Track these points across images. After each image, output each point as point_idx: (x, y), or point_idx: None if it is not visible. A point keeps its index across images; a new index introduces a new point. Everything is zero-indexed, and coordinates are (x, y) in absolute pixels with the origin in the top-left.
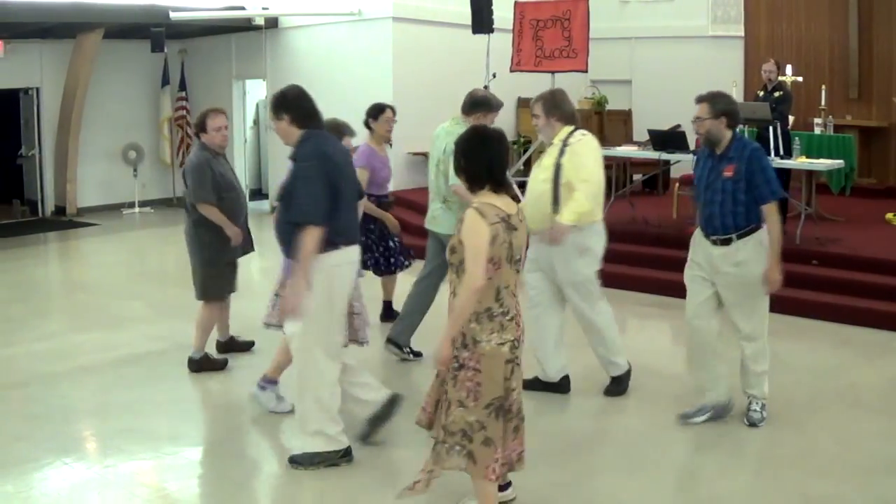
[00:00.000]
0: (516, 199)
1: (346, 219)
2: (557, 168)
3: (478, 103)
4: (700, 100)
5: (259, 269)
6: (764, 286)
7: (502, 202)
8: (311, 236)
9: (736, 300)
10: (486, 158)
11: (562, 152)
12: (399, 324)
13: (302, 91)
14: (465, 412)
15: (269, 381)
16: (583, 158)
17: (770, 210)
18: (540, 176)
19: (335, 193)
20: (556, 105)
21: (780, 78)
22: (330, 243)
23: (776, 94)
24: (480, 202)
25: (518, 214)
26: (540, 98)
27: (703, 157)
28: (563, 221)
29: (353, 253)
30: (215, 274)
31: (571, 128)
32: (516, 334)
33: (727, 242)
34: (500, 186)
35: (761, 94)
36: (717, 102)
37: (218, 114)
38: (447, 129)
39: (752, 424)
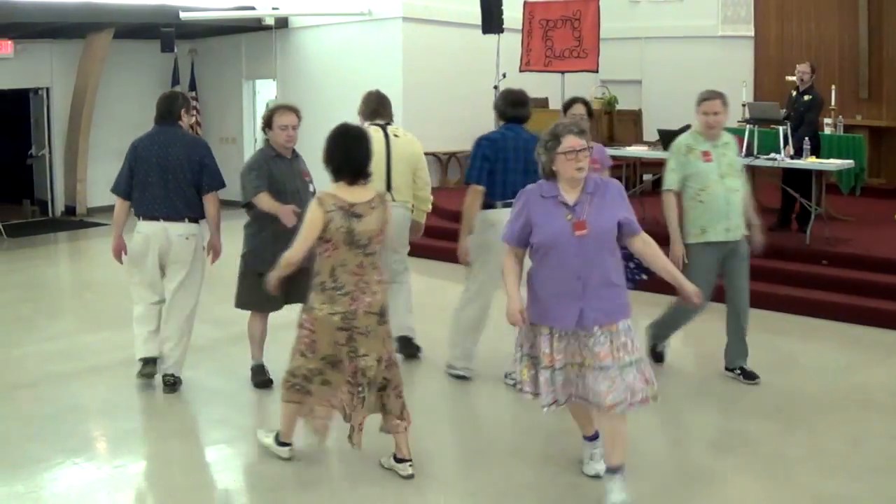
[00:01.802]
0: None
1: (139, 197)
2: None
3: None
4: None
5: None
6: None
7: (353, 193)
8: (116, 204)
9: None
10: (346, 154)
11: None
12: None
13: (165, 95)
14: (307, 361)
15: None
16: None
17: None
18: None
19: (131, 176)
20: (363, 104)
21: (790, 78)
22: (135, 214)
23: (805, 97)
24: (323, 191)
25: (371, 202)
26: None
27: None
28: None
29: (147, 226)
30: (248, 284)
31: (368, 123)
32: (349, 307)
33: None
34: (356, 179)
35: (794, 94)
36: (495, 99)
37: (287, 111)
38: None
39: None
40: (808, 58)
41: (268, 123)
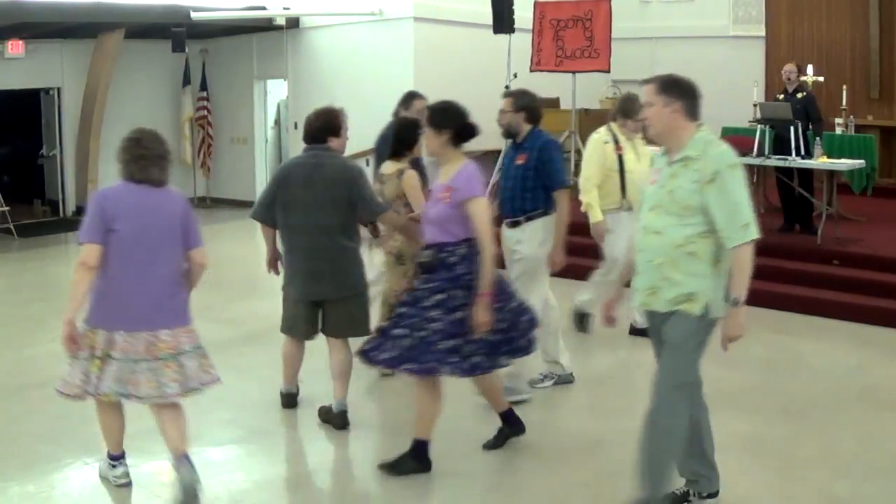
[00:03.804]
0: None
1: None
2: None
3: None
4: (506, 95)
5: None
6: (546, 265)
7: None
8: None
9: (516, 276)
10: None
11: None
12: None
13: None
14: None
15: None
16: None
17: (560, 196)
18: (646, 165)
19: None
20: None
21: (802, 78)
22: None
23: (799, 94)
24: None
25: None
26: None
27: (508, 148)
28: None
29: None
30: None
31: None
32: None
33: (516, 224)
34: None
35: (781, 96)
36: (519, 99)
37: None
38: None
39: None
40: (819, 58)
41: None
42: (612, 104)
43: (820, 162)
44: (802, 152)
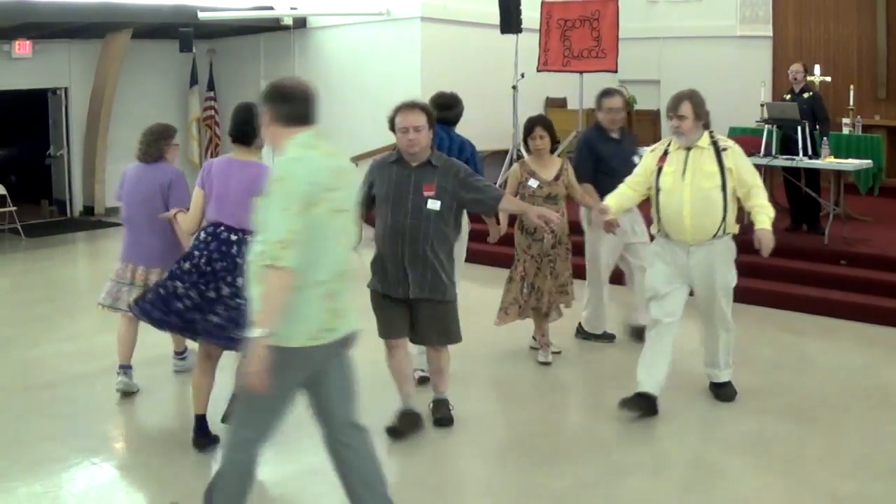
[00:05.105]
0: None
1: None
2: (723, 173)
3: None
4: None
5: None
6: None
7: None
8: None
9: None
10: None
11: (719, 156)
12: None
13: None
14: None
15: None
16: (748, 161)
17: None
18: (705, 184)
19: None
20: (704, 106)
21: (809, 78)
22: None
23: (805, 94)
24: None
25: None
26: (687, 98)
27: None
28: (767, 228)
29: None
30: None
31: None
32: None
33: None
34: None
35: (788, 96)
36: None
37: (408, 110)
38: None
39: None
40: (827, 58)
41: (391, 125)
42: None
43: (827, 162)
44: (809, 152)
